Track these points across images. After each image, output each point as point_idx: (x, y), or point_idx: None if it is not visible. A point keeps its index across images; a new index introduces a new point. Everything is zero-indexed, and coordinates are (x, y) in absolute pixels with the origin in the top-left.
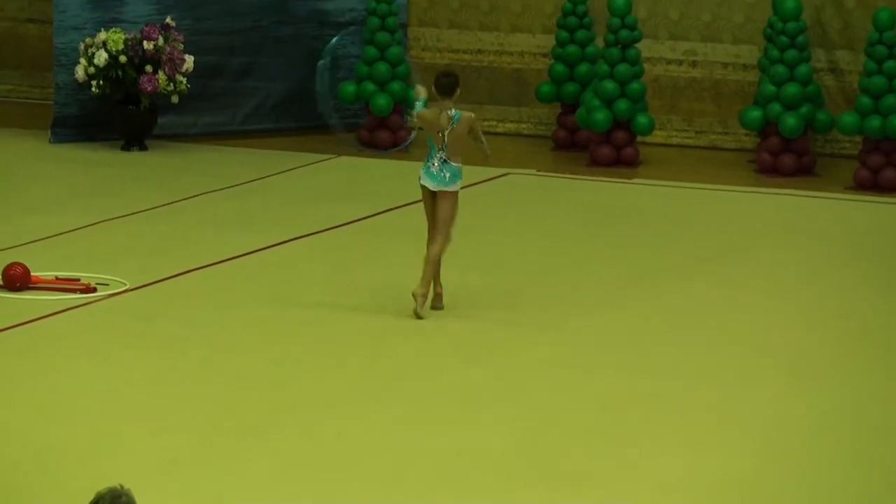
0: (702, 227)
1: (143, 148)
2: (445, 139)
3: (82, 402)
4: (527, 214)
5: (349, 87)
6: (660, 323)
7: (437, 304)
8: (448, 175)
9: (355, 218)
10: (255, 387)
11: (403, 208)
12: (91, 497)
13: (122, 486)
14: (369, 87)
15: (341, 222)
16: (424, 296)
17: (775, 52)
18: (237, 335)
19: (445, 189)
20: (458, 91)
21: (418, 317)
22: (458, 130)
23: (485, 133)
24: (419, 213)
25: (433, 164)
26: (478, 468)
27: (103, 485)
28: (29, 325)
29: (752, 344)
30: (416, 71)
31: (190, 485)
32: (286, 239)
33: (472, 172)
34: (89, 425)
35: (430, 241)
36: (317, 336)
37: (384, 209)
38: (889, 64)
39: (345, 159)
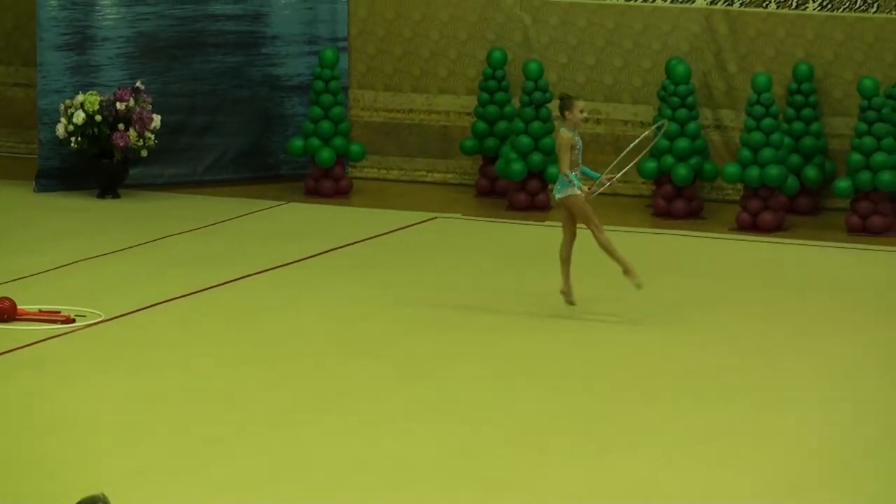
0: (607, 264)
1: (116, 196)
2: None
3: (63, 419)
4: (454, 253)
5: (297, 143)
6: (570, 344)
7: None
8: (557, 185)
9: (305, 256)
10: (219, 404)
11: (347, 247)
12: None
13: (100, 493)
14: (315, 142)
15: (293, 259)
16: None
17: (668, 111)
18: (202, 359)
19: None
20: (566, 113)
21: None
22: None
23: (415, 182)
24: (362, 251)
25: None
26: (416, 475)
27: (80, 493)
28: (16, 351)
29: (648, 364)
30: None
31: (160, 493)
32: (244, 274)
33: (402, 217)
34: (69, 439)
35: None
36: (273, 358)
37: (330, 248)
38: (766, 121)
39: (294, 205)
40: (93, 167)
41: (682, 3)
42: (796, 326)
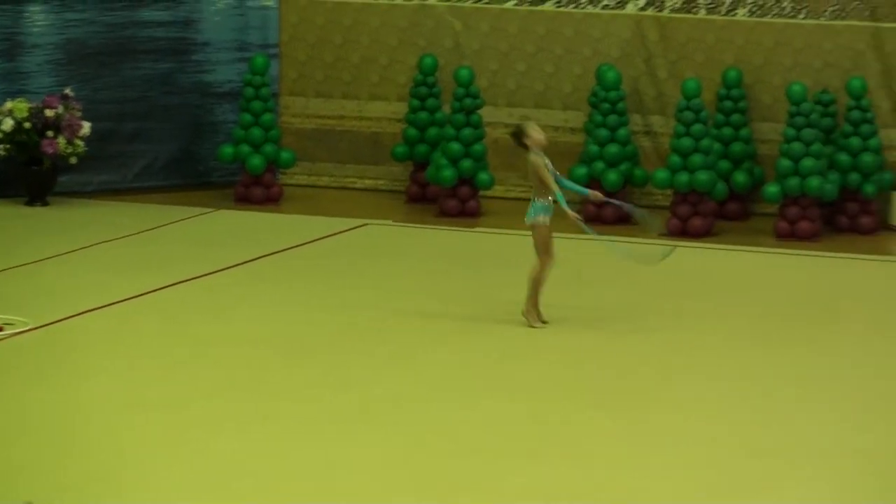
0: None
1: (45, 204)
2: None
3: None
4: (385, 259)
5: (227, 149)
6: (504, 349)
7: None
8: (530, 210)
9: (236, 263)
10: (152, 412)
11: (278, 254)
12: None
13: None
14: (245, 148)
15: (224, 266)
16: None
17: (598, 118)
18: (134, 366)
19: (527, 222)
20: (525, 140)
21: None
22: (529, 172)
23: (346, 189)
24: (293, 258)
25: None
26: (348, 482)
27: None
28: None
29: (581, 371)
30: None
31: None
32: (175, 281)
33: (333, 223)
34: None
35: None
36: (205, 365)
37: (261, 255)
38: (695, 127)
39: (224, 212)
40: (21, 174)
41: (612, 9)
42: (727, 332)
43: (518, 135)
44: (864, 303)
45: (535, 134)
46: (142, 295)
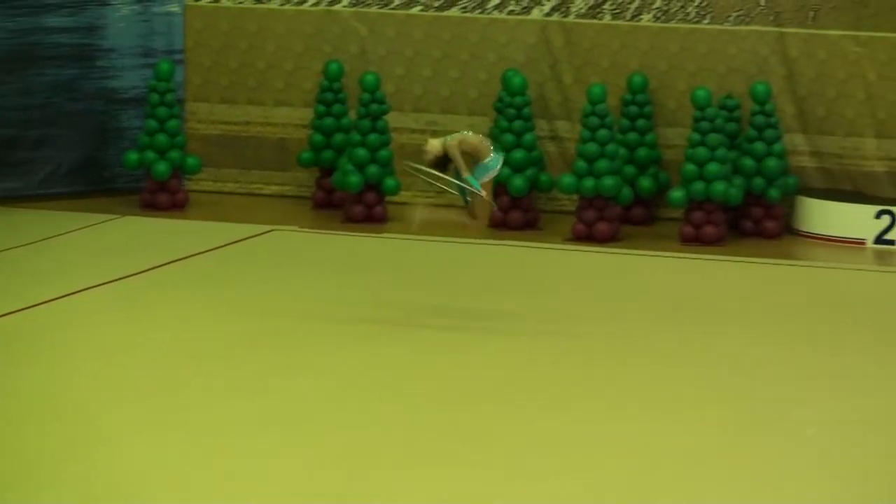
0: (441, 275)
1: None
2: None
3: None
4: (291, 265)
5: (132, 156)
6: (409, 354)
7: None
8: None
9: (141, 269)
10: (50, 422)
11: (184, 261)
12: None
13: None
14: (150, 155)
15: (129, 273)
16: None
17: (504, 123)
18: (33, 375)
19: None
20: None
21: None
22: None
23: (252, 195)
24: (199, 264)
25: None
26: (251, 490)
27: None
28: None
29: (486, 374)
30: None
31: None
32: (80, 289)
33: (239, 230)
34: None
35: None
36: (108, 373)
37: (167, 261)
38: (601, 132)
39: (129, 218)
40: None
41: (517, 14)
42: (634, 336)
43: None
44: (767, 307)
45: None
46: (45, 303)
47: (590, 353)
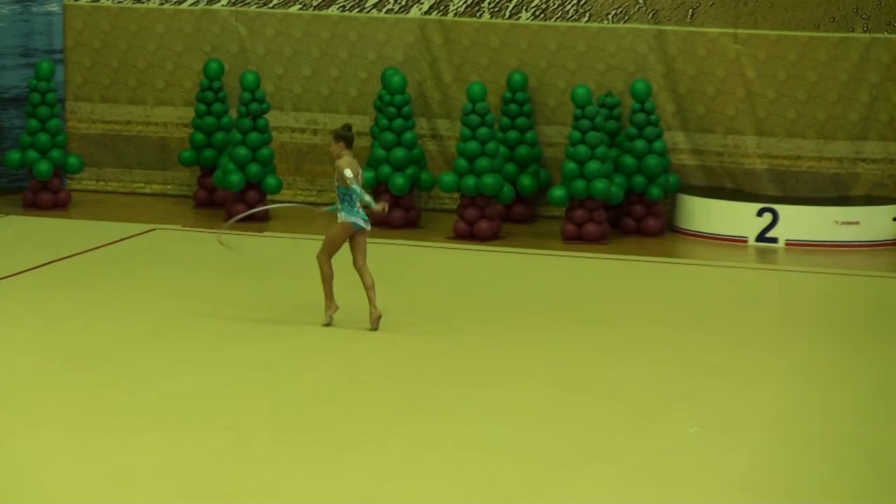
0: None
1: None
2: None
3: None
4: (173, 264)
5: (14, 155)
6: (289, 351)
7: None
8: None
9: (24, 269)
10: None
11: (66, 260)
12: None
13: None
14: (32, 154)
15: (10, 273)
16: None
17: (384, 121)
18: None
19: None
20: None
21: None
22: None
23: (134, 194)
24: (82, 263)
25: (359, 207)
26: (134, 487)
27: None
28: None
29: (371, 371)
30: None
31: None
32: None
33: (121, 228)
34: None
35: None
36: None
37: (49, 261)
38: (481, 130)
39: (12, 218)
40: None
41: (396, 13)
42: (517, 334)
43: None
44: (650, 304)
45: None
46: None
47: (469, 350)
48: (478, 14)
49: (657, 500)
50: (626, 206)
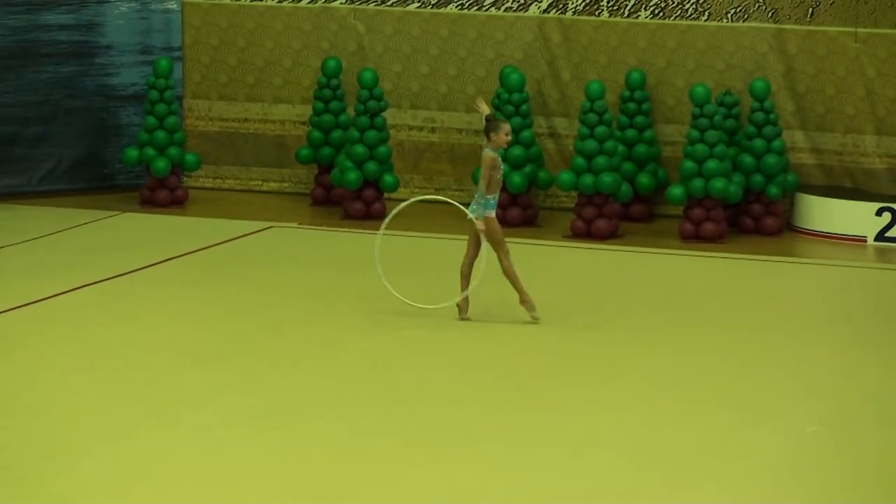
0: (442, 273)
1: None
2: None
3: None
4: (290, 262)
5: (132, 152)
6: (408, 349)
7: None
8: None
9: (141, 266)
10: (54, 417)
11: (184, 257)
12: None
13: None
14: (150, 151)
15: (129, 269)
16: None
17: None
18: (37, 371)
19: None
20: (491, 135)
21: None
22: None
23: (251, 191)
24: (199, 261)
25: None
26: (253, 484)
27: None
28: None
29: (484, 370)
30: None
31: None
32: (81, 285)
33: (238, 226)
34: None
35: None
36: (110, 368)
37: (166, 258)
38: (599, 129)
39: (129, 215)
40: None
41: (515, 11)
42: (633, 333)
43: (491, 125)
44: (767, 304)
45: (503, 135)
46: (46, 299)
47: (584, 347)
48: (597, 12)
49: (770, 500)
50: (744, 206)
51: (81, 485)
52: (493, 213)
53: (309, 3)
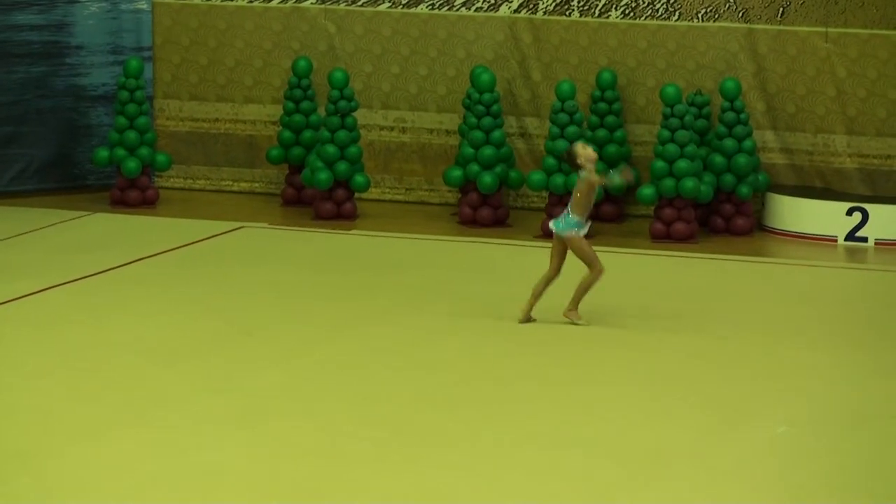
0: (411, 272)
1: None
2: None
3: None
4: (261, 262)
5: (102, 153)
6: (377, 350)
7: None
8: (562, 222)
9: (112, 266)
10: (23, 417)
11: (154, 257)
12: None
13: None
14: (120, 152)
15: (99, 270)
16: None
17: (473, 120)
18: (5, 371)
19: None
20: (578, 161)
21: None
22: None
23: (221, 191)
24: (170, 261)
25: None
26: (224, 484)
27: None
28: None
29: (454, 371)
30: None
31: None
32: (50, 286)
33: (209, 226)
34: None
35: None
36: (78, 369)
37: (137, 258)
38: (570, 129)
39: (100, 215)
40: None
41: (486, 11)
42: (605, 333)
43: (570, 158)
44: (738, 304)
45: (585, 151)
46: (16, 299)
47: (554, 348)
48: (567, 13)
49: (746, 501)
50: (714, 205)
51: (51, 486)
52: (577, 233)
53: (279, 3)
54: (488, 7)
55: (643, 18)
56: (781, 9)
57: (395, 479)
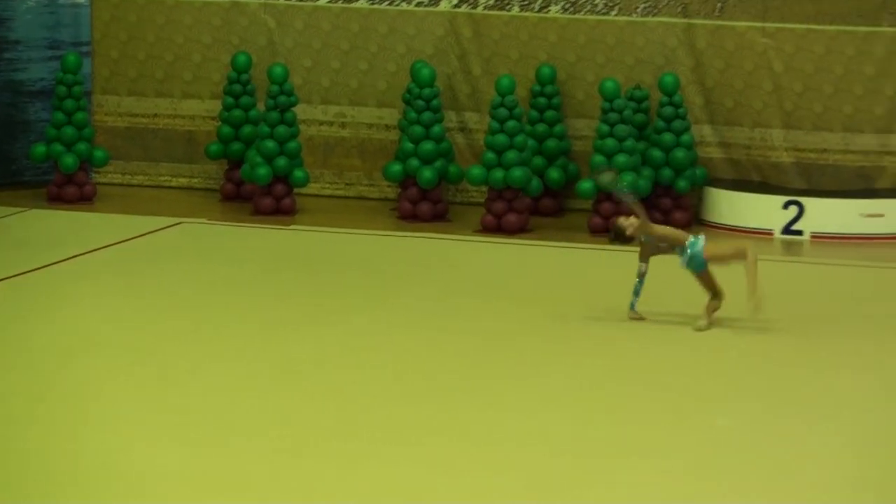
0: (351, 268)
1: None
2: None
3: None
4: (200, 258)
5: (39, 148)
6: (327, 346)
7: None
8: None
9: (49, 263)
10: None
11: (92, 254)
12: None
13: None
14: (57, 147)
15: (36, 267)
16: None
17: (413, 114)
18: None
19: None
20: (629, 234)
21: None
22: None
23: (160, 187)
24: (108, 257)
25: None
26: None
27: None
28: None
29: (411, 367)
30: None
31: None
32: None
33: (147, 222)
34: None
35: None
36: (20, 366)
37: (75, 254)
38: (510, 124)
39: (37, 211)
40: None
41: (426, 6)
42: (552, 328)
43: (620, 237)
44: (677, 297)
45: (627, 221)
46: None
47: (501, 342)
48: (507, 7)
49: (700, 494)
50: (653, 199)
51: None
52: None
53: None
54: (428, 2)
55: (583, 13)
56: (720, 4)
57: (358, 477)
